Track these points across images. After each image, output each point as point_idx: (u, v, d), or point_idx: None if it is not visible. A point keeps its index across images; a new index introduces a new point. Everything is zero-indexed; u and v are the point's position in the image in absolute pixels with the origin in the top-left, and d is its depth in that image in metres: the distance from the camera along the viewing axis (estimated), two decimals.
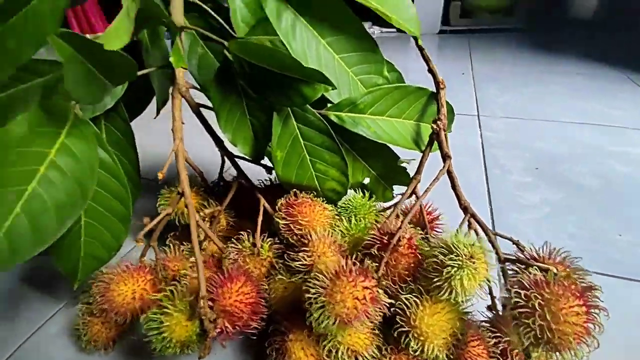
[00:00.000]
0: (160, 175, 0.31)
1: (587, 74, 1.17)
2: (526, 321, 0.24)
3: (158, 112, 0.45)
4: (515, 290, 0.25)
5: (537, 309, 0.24)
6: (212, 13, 0.36)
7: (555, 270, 0.26)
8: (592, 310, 0.24)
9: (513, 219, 0.53)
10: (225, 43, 0.32)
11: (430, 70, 0.39)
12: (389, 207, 0.41)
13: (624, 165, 0.65)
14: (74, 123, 0.29)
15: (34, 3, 0.27)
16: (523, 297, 0.25)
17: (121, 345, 0.38)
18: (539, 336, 0.23)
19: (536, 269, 0.27)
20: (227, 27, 0.36)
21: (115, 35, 0.26)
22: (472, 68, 1.32)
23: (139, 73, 0.30)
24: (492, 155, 0.70)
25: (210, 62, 0.39)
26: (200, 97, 0.41)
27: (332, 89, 0.27)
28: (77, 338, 0.38)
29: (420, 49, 0.37)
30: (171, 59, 0.29)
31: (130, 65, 0.25)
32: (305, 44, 0.30)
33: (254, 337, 0.31)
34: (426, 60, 0.39)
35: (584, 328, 0.23)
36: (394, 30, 1.88)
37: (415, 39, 0.35)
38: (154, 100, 0.45)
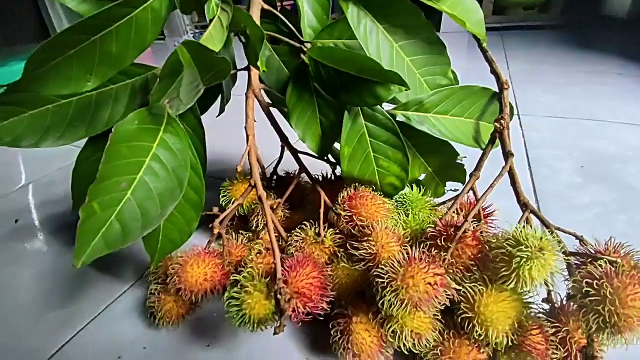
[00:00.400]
0: (239, 168, 0.34)
1: (628, 74, 1.13)
2: (597, 307, 0.25)
3: (222, 110, 0.48)
4: (587, 280, 0.26)
5: (608, 296, 0.25)
6: (284, 19, 0.39)
7: (620, 262, 0.27)
8: None
9: (563, 219, 0.52)
10: (304, 47, 0.34)
11: (494, 71, 0.40)
12: (442, 203, 0.43)
13: None
14: (168, 120, 0.32)
15: (139, 12, 0.31)
16: (595, 286, 0.26)
17: (187, 321, 0.41)
18: (607, 320, 0.24)
19: (605, 262, 0.27)
20: (296, 32, 0.39)
21: (210, 42, 0.30)
22: (507, 66, 1.30)
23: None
24: (536, 155, 0.70)
25: (276, 63, 0.42)
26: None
27: (406, 90, 0.29)
28: (146, 315, 0.42)
29: (484, 51, 0.39)
30: (257, 64, 0.31)
31: (227, 68, 0.28)
32: (380, 47, 0.32)
33: (321, 318, 0.34)
34: (489, 61, 0.40)
35: None
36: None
37: (479, 41, 0.36)
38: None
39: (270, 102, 0.43)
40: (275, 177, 0.52)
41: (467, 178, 0.39)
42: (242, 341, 0.39)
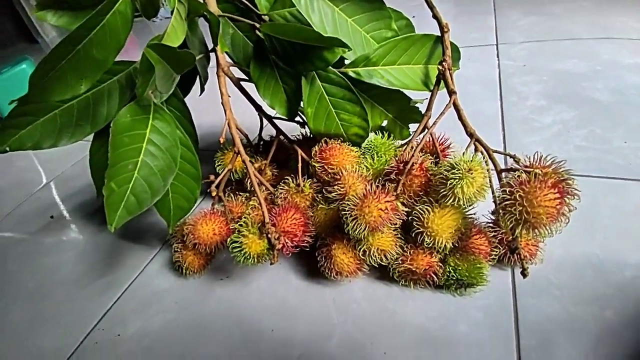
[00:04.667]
0: (221, 140, 0.40)
1: None
2: (510, 209, 0.32)
3: (203, 89, 0.54)
4: (503, 189, 0.33)
5: (518, 199, 0.31)
6: None
7: (539, 172, 0.33)
8: (566, 197, 0.31)
9: (526, 141, 0.58)
10: (257, 25, 0.39)
11: (435, 16, 0.43)
12: (407, 143, 0.49)
13: (637, 76, 0.66)
14: (155, 109, 0.38)
15: (109, 17, 0.36)
16: (508, 192, 0.32)
17: (208, 269, 0.51)
18: (519, 218, 0.31)
19: (522, 172, 0.34)
20: (251, 6, 0.43)
21: (174, 35, 0.35)
22: None
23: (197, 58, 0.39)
24: (508, 84, 0.73)
25: (240, 40, 0.46)
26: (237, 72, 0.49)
27: (349, 50, 0.34)
28: (176, 269, 0.51)
29: None
30: (218, 47, 0.36)
31: (190, 57, 0.33)
32: (322, 13, 0.37)
33: (307, 249, 0.42)
34: (430, 6, 0.43)
35: (555, 209, 0.31)
36: None
37: None
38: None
39: (244, 76, 0.48)
40: (261, 142, 0.59)
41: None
42: (252, 276, 0.48)
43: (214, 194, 0.43)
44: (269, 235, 0.39)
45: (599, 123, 0.57)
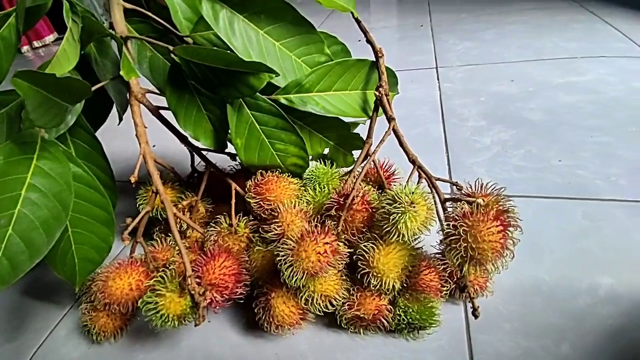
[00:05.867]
0: (132, 179, 0.34)
1: (541, 8, 1.20)
2: (454, 245, 0.29)
3: (120, 119, 0.47)
4: (447, 222, 0.30)
5: (462, 234, 0.29)
6: (153, 16, 0.38)
7: (481, 202, 0.31)
8: (508, 229, 0.30)
9: (469, 163, 0.58)
10: (171, 48, 0.34)
11: (368, 41, 0.42)
12: (350, 171, 0.46)
13: (569, 95, 0.70)
14: (42, 146, 0.32)
15: None
16: (451, 227, 0.30)
17: (127, 332, 0.43)
18: (464, 255, 0.29)
19: (464, 203, 0.32)
20: (170, 28, 0.38)
21: (65, 59, 0.29)
22: (430, 19, 1.32)
23: (93, 88, 0.33)
24: (449, 106, 0.74)
25: (160, 63, 0.41)
26: (160, 99, 0.44)
27: (276, 76, 0.31)
28: (87, 334, 0.42)
29: (357, 22, 0.40)
30: (122, 72, 0.31)
31: (83, 86, 0.27)
32: (245, 37, 0.33)
33: (242, 302, 0.36)
34: (364, 31, 0.42)
35: (499, 243, 0.28)
36: None
37: (352, 14, 0.37)
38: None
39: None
40: (195, 174, 0.53)
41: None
42: (182, 334, 0.41)
43: (125, 242, 0.36)
44: (192, 292, 0.32)
45: (535, 142, 0.59)
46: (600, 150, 0.55)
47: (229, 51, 0.32)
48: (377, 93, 0.39)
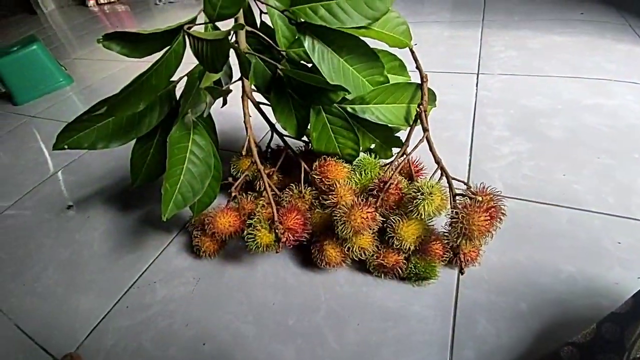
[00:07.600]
0: (243, 152, 0.51)
1: (591, 20, 1.20)
2: (455, 226, 0.44)
3: (225, 102, 0.65)
4: (451, 210, 0.45)
5: (461, 219, 0.44)
6: (262, 35, 0.53)
7: (479, 199, 0.46)
8: (495, 219, 0.44)
9: (486, 167, 0.70)
10: (279, 66, 0.50)
11: (418, 67, 0.55)
12: (389, 164, 0.61)
13: (593, 116, 0.79)
14: (194, 125, 0.49)
15: (167, 56, 0.46)
16: (455, 213, 0.45)
17: (221, 253, 0.62)
18: (459, 232, 0.44)
19: (467, 198, 0.46)
20: (272, 43, 0.54)
21: (208, 78, 0.46)
22: (483, 17, 1.36)
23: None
24: (481, 113, 0.85)
25: (262, 69, 0.57)
26: (257, 96, 0.60)
27: (349, 94, 0.46)
28: (192, 252, 0.62)
29: (412, 52, 0.53)
30: (248, 81, 0.47)
31: (225, 89, 0.44)
32: (330, 63, 0.48)
33: (304, 243, 0.54)
34: (415, 60, 0.55)
35: (485, 227, 0.43)
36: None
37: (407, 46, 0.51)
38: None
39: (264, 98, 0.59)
40: (270, 150, 0.70)
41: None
42: (258, 261, 0.60)
43: (233, 193, 0.54)
44: (277, 231, 0.50)
45: (546, 157, 0.70)
46: (600, 171, 0.66)
47: (314, 71, 0.48)
48: (418, 109, 0.53)
